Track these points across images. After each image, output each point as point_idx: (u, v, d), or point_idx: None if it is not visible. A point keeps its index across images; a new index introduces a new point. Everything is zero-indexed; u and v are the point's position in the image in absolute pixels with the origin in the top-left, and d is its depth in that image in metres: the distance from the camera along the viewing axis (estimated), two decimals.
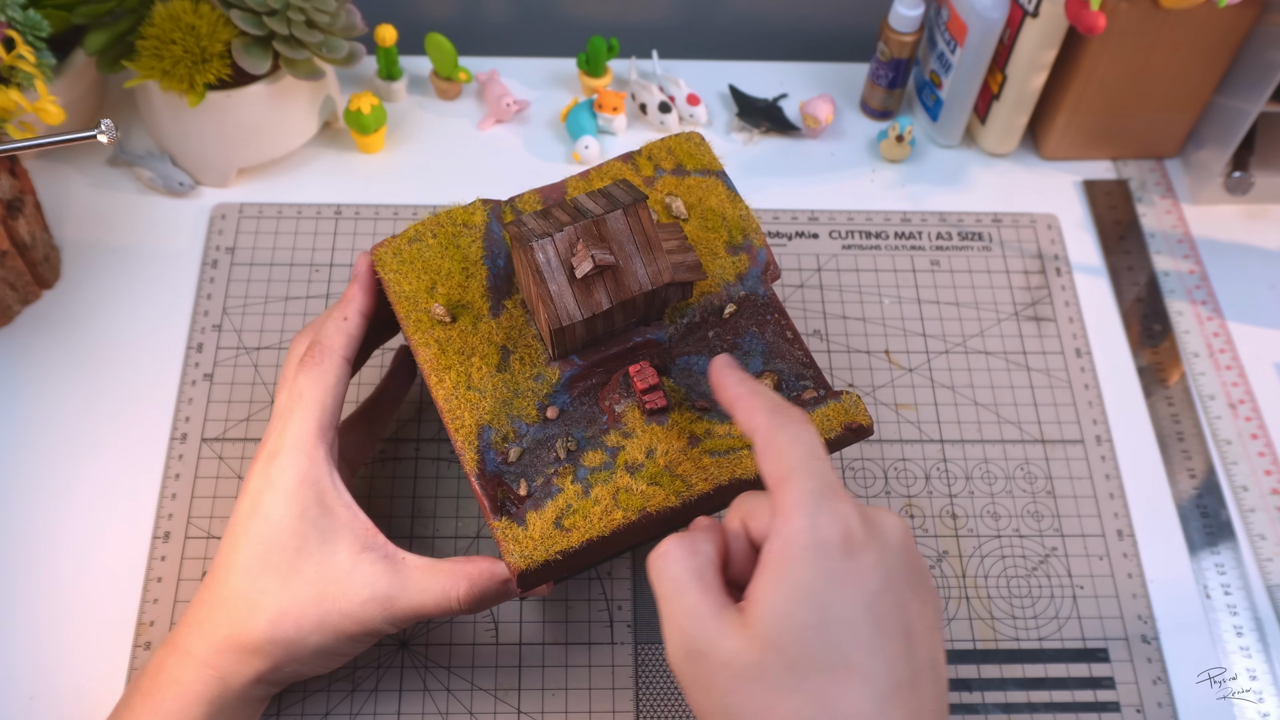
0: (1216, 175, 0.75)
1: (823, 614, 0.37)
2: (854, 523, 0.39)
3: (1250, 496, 0.65)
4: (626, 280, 0.49)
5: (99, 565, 0.60)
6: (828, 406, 0.50)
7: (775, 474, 0.40)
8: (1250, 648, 0.60)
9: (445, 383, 0.51)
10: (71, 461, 0.63)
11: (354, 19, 0.69)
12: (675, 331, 0.53)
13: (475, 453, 0.49)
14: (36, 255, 0.66)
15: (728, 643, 0.38)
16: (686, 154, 0.58)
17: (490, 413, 0.50)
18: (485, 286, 0.53)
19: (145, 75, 0.66)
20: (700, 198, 0.56)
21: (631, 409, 0.50)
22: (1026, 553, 0.63)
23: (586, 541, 0.47)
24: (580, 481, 0.48)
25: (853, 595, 0.38)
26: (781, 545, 0.38)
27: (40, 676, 0.56)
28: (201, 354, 0.67)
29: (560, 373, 0.51)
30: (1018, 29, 0.70)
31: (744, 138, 0.79)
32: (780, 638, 0.37)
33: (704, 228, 0.55)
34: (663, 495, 0.48)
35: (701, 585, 0.39)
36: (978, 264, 0.73)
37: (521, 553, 0.47)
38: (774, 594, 0.38)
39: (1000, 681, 0.59)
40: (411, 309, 0.52)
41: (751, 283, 0.54)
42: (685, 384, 0.52)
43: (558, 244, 0.48)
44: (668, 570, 0.40)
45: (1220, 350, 0.71)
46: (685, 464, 0.49)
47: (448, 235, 0.54)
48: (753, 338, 0.53)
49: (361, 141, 0.75)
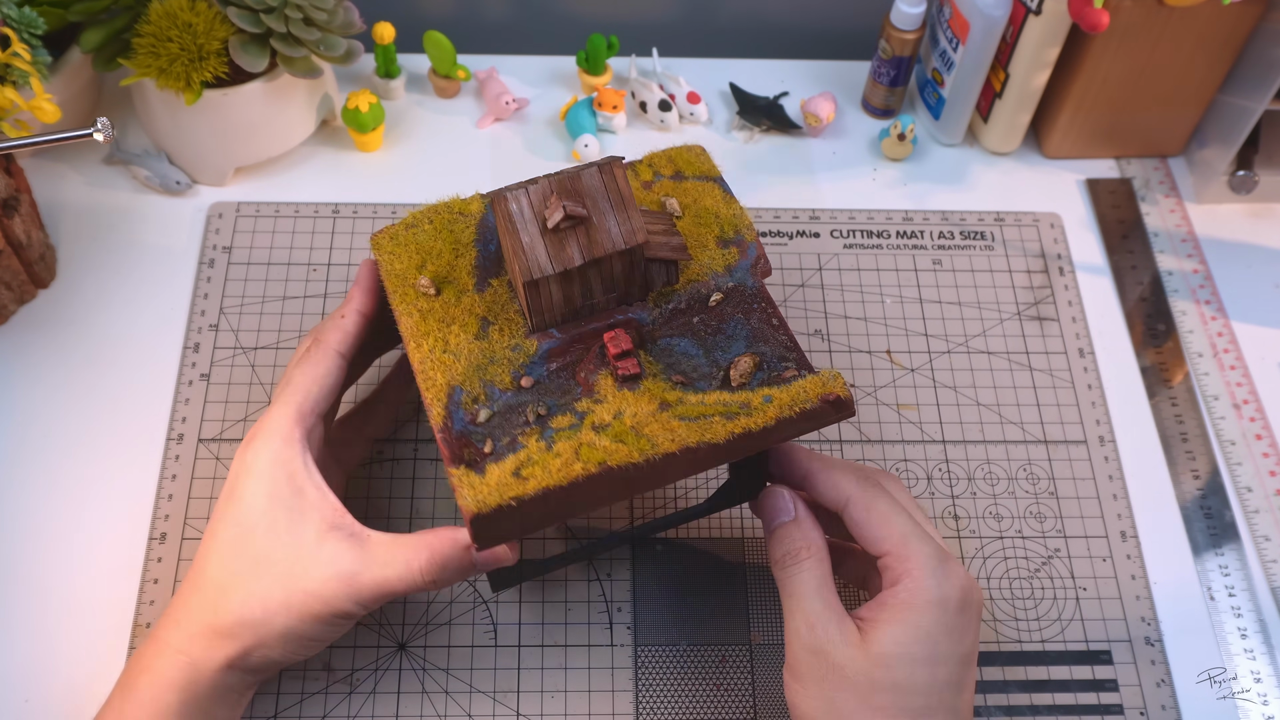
0: (1221, 174, 0.75)
1: (933, 653, 0.46)
2: (969, 587, 0.48)
3: (1254, 497, 0.65)
4: (599, 236, 0.50)
5: (95, 566, 0.59)
6: (805, 379, 0.50)
7: (890, 538, 0.48)
8: (1254, 650, 0.60)
9: (422, 347, 0.52)
10: (67, 462, 0.62)
11: (352, 16, 0.69)
12: (659, 315, 0.53)
13: (443, 409, 0.50)
14: (32, 254, 0.66)
15: (847, 650, 0.46)
16: (686, 162, 0.59)
17: (463, 375, 0.51)
18: (473, 265, 0.55)
19: (141, 73, 0.65)
20: (696, 199, 0.57)
21: (605, 378, 0.51)
22: (1029, 554, 0.62)
23: (542, 490, 0.46)
24: (545, 439, 0.48)
25: (956, 645, 0.47)
26: (908, 596, 0.47)
27: (36, 678, 0.56)
28: (198, 354, 0.66)
29: (538, 345, 0.52)
30: (1020, 26, 0.70)
31: (745, 136, 0.78)
32: (894, 660, 0.46)
33: (696, 224, 0.56)
34: (626, 451, 0.47)
35: (829, 593, 0.48)
36: (980, 263, 0.73)
37: (475, 497, 0.46)
38: (897, 628, 0.46)
39: (1003, 684, 0.58)
40: (399, 284, 0.54)
41: (740, 275, 0.55)
42: (664, 362, 0.52)
43: (531, 196, 0.49)
44: (801, 573, 0.49)
45: (1224, 350, 0.70)
46: (653, 425, 0.48)
47: (443, 221, 0.56)
48: (738, 323, 0.53)
49: (359, 140, 0.75)
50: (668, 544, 0.61)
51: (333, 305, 0.68)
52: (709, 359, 0.52)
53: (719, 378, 0.51)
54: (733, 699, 0.57)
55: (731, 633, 0.59)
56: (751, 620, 0.59)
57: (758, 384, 0.51)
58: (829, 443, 0.65)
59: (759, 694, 0.57)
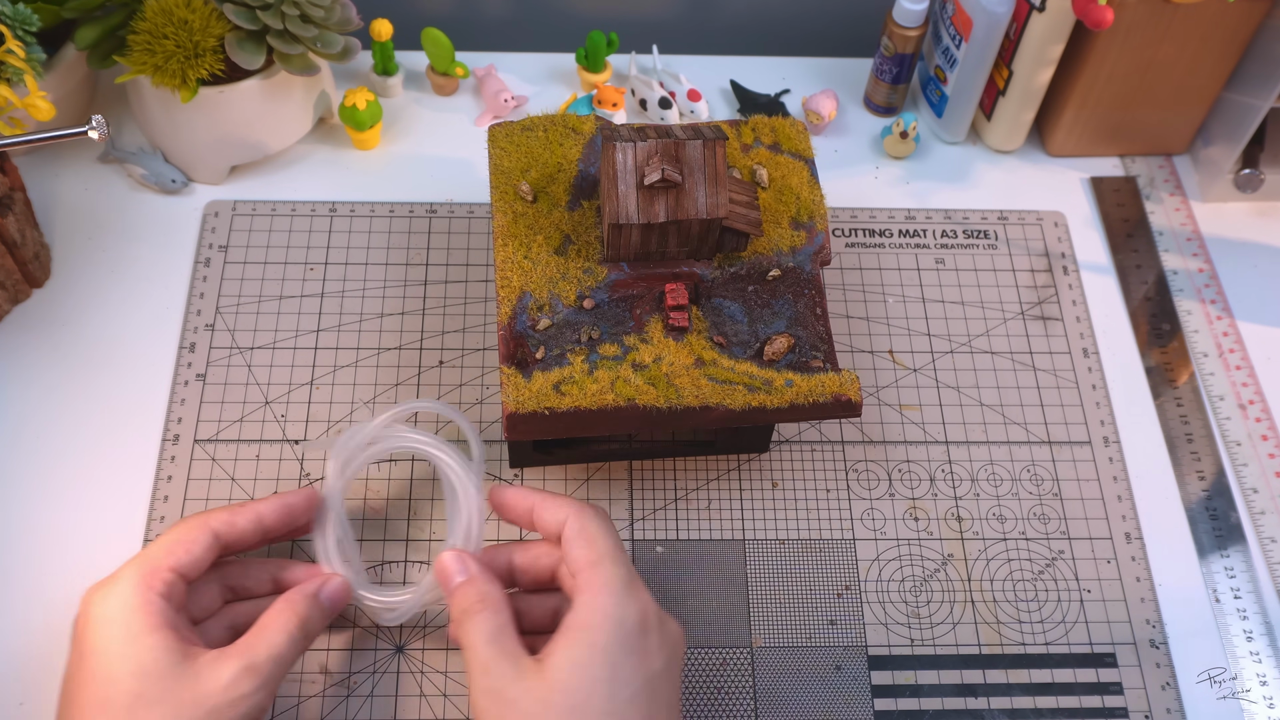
0: (1226, 172, 0.75)
1: (613, 674, 0.46)
2: (650, 611, 0.48)
3: (1260, 499, 0.64)
4: (686, 203, 0.55)
5: (90, 568, 0.58)
6: (826, 375, 0.55)
7: (586, 557, 0.49)
8: (1260, 652, 0.59)
9: (507, 247, 0.58)
10: (62, 463, 0.62)
11: (349, 13, 0.69)
12: (720, 276, 0.58)
13: (511, 309, 0.56)
14: (26, 253, 0.65)
15: (521, 684, 0.46)
16: (786, 136, 0.63)
17: (535, 283, 0.57)
18: (571, 183, 0.60)
19: (137, 70, 0.65)
20: (784, 175, 0.62)
21: (656, 322, 0.56)
22: (1033, 556, 0.62)
23: (574, 409, 0.53)
24: (589, 363, 0.55)
25: (638, 666, 0.47)
26: (587, 615, 0.47)
27: (30, 682, 0.56)
28: (194, 354, 0.66)
29: (608, 273, 0.58)
30: (1024, 23, 0.70)
31: None
32: (570, 684, 0.46)
33: (778, 200, 0.61)
34: (654, 395, 0.53)
35: (506, 638, 0.48)
36: (983, 262, 0.72)
37: (516, 398, 0.53)
38: (573, 649, 0.46)
39: (1006, 687, 0.58)
40: (503, 180, 0.60)
41: (802, 258, 0.59)
42: (711, 320, 0.57)
43: (637, 152, 0.54)
44: (476, 625, 0.48)
45: (1230, 350, 0.70)
46: (684, 378, 0.54)
47: (557, 134, 0.62)
48: (785, 303, 0.58)
49: (357, 138, 0.75)
50: (668, 546, 0.61)
51: (330, 304, 0.68)
52: (751, 328, 0.57)
53: (755, 348, 0.56)
54: (734, 702, 0.57)
55: (733, 635, 0.58)
56: (753, 623, 0.59)
57: (785, 365, 0.56)
58: (832, 443, 0.65)
59: (760, 697, 0.57)
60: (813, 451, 0.64)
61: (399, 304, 0.68)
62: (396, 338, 0.67)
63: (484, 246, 0.71)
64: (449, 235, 0.71)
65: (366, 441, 0.56)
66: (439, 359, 0.66)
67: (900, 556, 0.61)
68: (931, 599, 0.60)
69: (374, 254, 0.70)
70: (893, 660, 0.58)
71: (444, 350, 0.67)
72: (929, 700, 0.57)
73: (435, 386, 0.65)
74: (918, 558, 0.61)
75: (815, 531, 0.62)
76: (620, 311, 0.57)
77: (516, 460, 0.62)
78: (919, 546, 0.62)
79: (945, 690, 0.58)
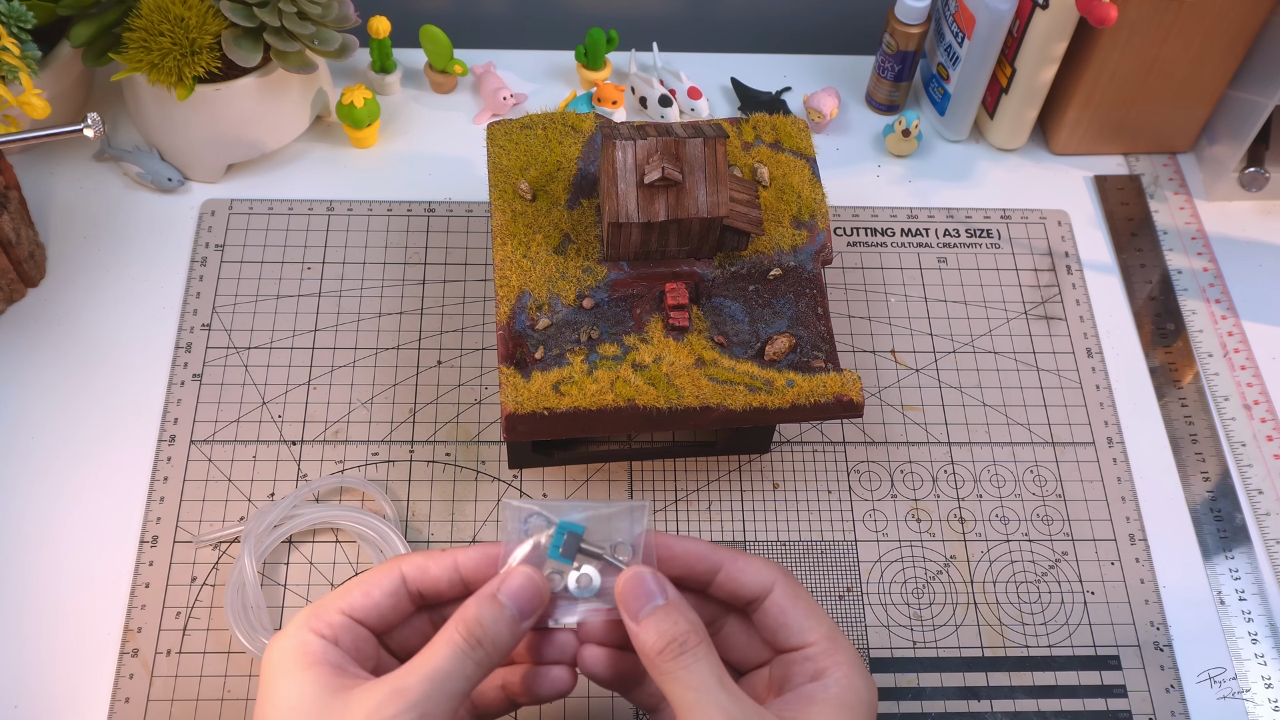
0: (1231, 170, 0.74)
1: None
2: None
3: (1266, 500, 0.64)
4: (686, 201, 0.55)
5: (85, 570, 0.58)
6: (828, 375, 0.55)
7: (818, 629, 0.45)
8: (1265, 654, 0.59)
9: (506, 246, 0.58)
10: (56, 464, 0.62)
11: (347, 10, 0.68)
12: (721, 275, 0.58)
13: (510, 309, 0.56)
14: (21, 252, 0.65)
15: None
16: (787, 134, 0.63)
17: (534, 283, 0.57)
18: (570, 182, 0.60)
19: (133, 68, 0.65)
20: (785, 173, 0.61)
21: (656, 322, 0.56)
22: (1036, 557, 0.61)
23: (573, 410, 0.53)
24: (589, 363, 0.54)
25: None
26: (847, 694, 0.44)
27: (25, 684, 0.55)
28: (190, 354, 0.65)
29: (607, 273, 0.58)
30: (1027, 20, 0.69)
31: None
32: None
33: (779, 198, 0.61)
34: (654, 395, 0.53)
35: (732, 684, 0.43)
36: (986, 261, 0.72)
37: (515, 399, 0.53)
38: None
39: (1009, 689, 0.58)
40: (502, 179, 0.60)
41: (803, 257, 0.59)
42: (712, 319, 0.57)
43: (637, 150, 0.54)
44: (698, 664, 0.43)
45: (1235, 350, 0.69)
46: (684, 378, 0.54)
47: (556, 132, 0.61)
48: (787, 302, 0.58)
49: (354, 136, 0.74)
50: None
51: (327, 304, 0.67)
52: (752, 328, 0.57)
53: (756, 348, 0.56)
54: None
55: None
56: None
57: (786, 365, 0.55)
58: (834, 444, 0.64)
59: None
60: (814, 452, 0.64)
61: (397, 303, 0.68)
62: (394, 337, 0.66)
63: (483, 245, 0.71)
64: (447, 234, 0.71)
65: (273, 524, 0.57)
66: (437, 359, 0.66)
67: (902, 558, 0.61)
68: (934, 601, 0.60)
69: (372, 253, 0.70)
70: (895, 663, 0.58)
71: (442, 350, 0.66)
72: (931, 703, 0.57)
73: (434, 386, 0.65)
74: (920, 559, 0.61)
75: (817, 533, 0.61)
76: (620, 311, 0.57)
77: (516, 461, 0.62)
78: (921, 548, 0.61)
79: (948, 693, 0.57)
